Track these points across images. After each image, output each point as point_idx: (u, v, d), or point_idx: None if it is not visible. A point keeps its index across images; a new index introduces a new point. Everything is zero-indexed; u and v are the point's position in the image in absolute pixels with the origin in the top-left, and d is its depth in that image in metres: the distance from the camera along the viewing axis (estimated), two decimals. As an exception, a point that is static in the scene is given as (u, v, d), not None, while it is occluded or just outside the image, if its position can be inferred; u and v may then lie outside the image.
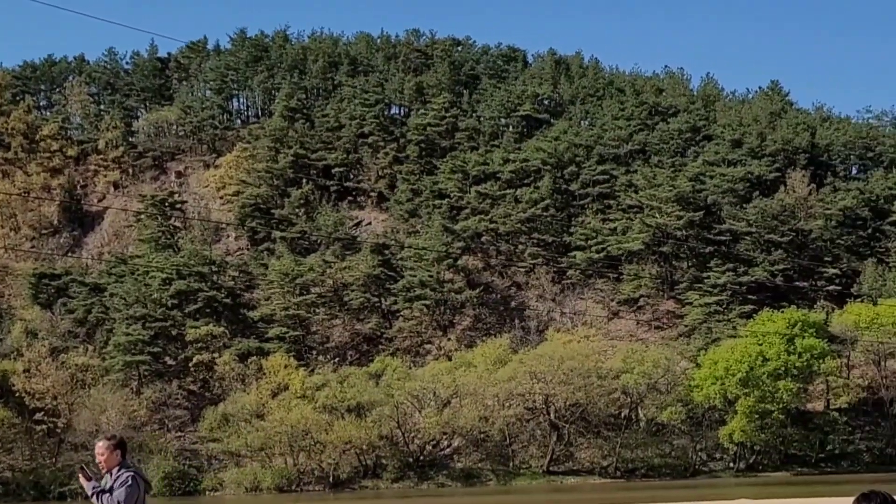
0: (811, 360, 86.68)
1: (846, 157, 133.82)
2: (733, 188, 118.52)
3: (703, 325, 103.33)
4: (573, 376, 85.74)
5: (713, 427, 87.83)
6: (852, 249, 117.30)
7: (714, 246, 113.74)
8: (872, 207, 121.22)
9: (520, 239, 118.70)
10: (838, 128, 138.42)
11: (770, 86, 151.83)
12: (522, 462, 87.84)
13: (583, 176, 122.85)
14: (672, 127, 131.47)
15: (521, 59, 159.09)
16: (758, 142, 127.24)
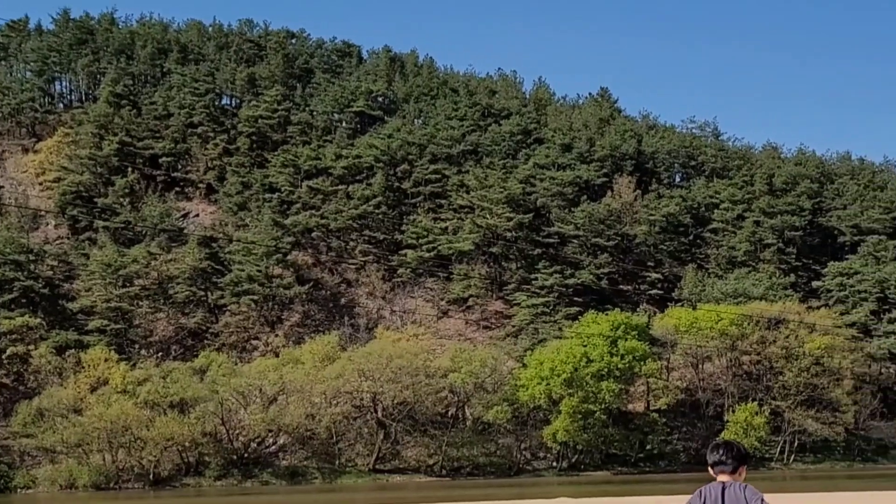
0: (633, 361, 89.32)
1: (670, 165, 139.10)
2: (562, 192, 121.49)
3: (530, 326, 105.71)
4: (401, 375, 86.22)
5: (538, 426, 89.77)
6: (674, 255, 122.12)
7: (542, 248, 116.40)
8: (694, 215, 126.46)
9: (351, 236, 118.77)
10: (663, 136, 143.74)
11: (600, 92, 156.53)
12: (349, 460, 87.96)
13: (415, 174, 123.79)
14: (504, 129, 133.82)
15: (355, 55, 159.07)
16: (587, 147, 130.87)
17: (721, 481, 8.42)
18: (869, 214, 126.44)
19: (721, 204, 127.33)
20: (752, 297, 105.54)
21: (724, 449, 8.45)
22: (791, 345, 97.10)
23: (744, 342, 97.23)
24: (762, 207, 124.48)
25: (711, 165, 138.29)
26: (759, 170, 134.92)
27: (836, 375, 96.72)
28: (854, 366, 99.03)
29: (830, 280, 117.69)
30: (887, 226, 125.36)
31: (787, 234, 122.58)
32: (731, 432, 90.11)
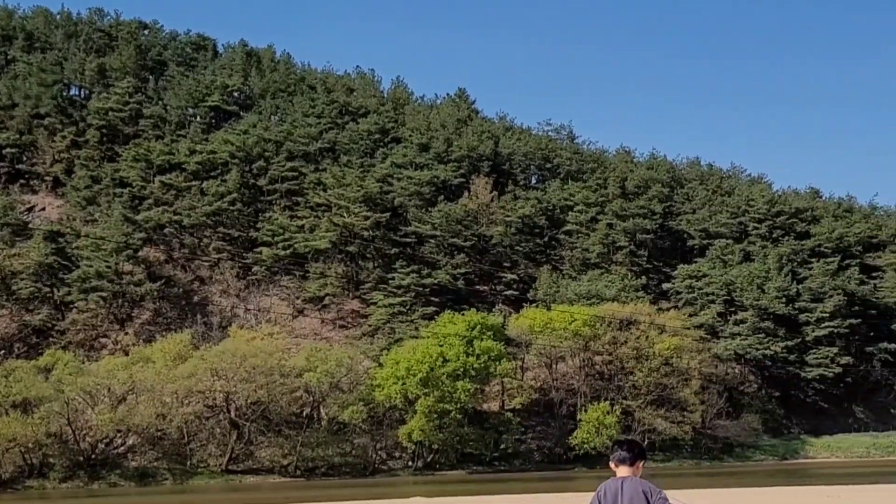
0: (488, 361, 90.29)
1: (526, 167, 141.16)
2: (420, 191, 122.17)
3: (386, 325, 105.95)
4: (255, 374, 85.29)
5: (393, 426, 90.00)
6: (530, 256, 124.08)
7: (399, 247, 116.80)
8: (549, 216, 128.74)
9: (204, 232, 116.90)
10: (520, 138, 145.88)
11: (457, 93, 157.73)
12: (200, 461, 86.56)
13: (271, 171, 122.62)
14: (362, 127, 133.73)
15: (210, 49, 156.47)
16: (444, 147, 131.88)
17: (621, 476, 9.36)
18: (717, 219, 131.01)
19: (575, 206, 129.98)
20: (604, 299, 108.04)
21: (627, 445, 9.50)
22: (642, 345, 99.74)
23: (596, 343, 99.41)
24: (615, 210, 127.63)
25: (567, 168, 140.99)
26: (612, 173, 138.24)
27: (685, 376, 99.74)
28: (702, 366, 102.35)
29: (680, 282, 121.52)
30: (734, 230, 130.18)
31: (639, 237, 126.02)
32: (583, 431, 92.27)
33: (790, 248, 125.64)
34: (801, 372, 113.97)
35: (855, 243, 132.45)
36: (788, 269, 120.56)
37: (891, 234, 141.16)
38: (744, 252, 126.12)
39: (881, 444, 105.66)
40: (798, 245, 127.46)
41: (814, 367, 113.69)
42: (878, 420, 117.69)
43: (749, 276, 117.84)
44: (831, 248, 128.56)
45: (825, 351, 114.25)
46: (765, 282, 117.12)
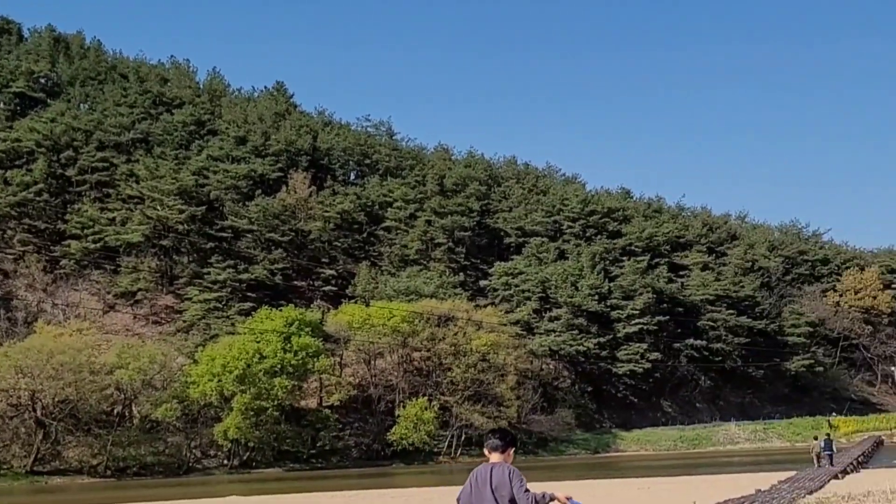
0: (306, 358, 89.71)
1: (345, 163, 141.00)
2: (237, 185, 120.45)
3: (202, 321, 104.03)
4: (63, 371, 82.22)
5: (209, 424, 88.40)
6: (348, 252, 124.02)
7: (215, 242, 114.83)
8: (368, 212, 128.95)
9: (9, 224, 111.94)
10: (339, 133, 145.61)
11: (275, 86, 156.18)
12: (3, 462, 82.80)
13: (81, 162, 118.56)
14: (176, 119, 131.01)
15: (15, 33, 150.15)
16: (262, 140, 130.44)
17: (492, 462, 9.97)
18: (532, 217, 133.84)
19: (394, 203, 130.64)
20: (423, 295, 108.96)
21: (499, 434, 10.18)
22: (459, 342, 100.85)
23: (415, 339, 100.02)
24: (434, 207, 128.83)
25: (386, 164, 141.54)
26: (431, 170, 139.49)
27: (501, 371, 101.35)
28: (517, 362, 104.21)
29: (497, 279, 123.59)
30: (549, 228, 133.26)
31: (457, 234, 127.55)
32: (401, 427, 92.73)
33: (603, 246, 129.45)
34: (613, 367, 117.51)
35: (663, 243, 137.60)
36: (601, 268, 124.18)
37: (697, 234, 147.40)
38: (558, 250, 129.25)
39: (687, 436, 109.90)
40: (610, 244, 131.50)
41: (624, 363, 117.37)
42: (684, 414, 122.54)
43: (563, 273, 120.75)
44: (641, 247, 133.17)
45: (635, 347, 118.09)
46: (578, 279, 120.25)
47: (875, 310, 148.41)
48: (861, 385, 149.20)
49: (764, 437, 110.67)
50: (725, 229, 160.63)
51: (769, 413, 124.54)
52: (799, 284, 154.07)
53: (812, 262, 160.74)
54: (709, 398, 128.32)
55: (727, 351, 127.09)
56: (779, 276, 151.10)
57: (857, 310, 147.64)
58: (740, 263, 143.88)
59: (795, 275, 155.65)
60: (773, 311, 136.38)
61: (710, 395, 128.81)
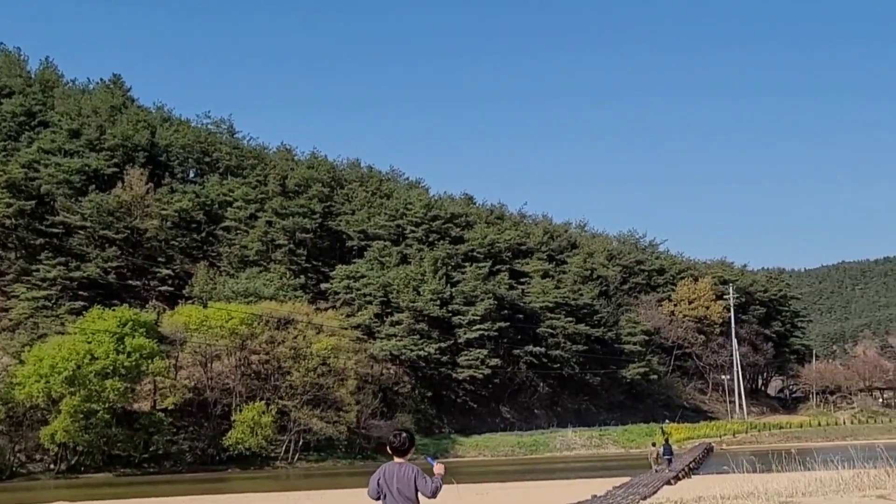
0: (140, 359, 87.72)
1: (184, 160, 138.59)
2: (69, 179, 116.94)
3: (29, 320, 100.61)
4: None
5: (35, 427, 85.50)
6: (186, 251, 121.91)
7: (46, 238, 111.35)
8: (207, 211, 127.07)
9: None
10: (178, 130, 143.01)
11: (112, 79, 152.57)
12: None
13: None
14: (5, 108, 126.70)
15: None
16: (97, 134, 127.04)
17: (397, 462, 11.51)
18: (375, 221, 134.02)
19: (235, 202, 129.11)
20: (262, 297, 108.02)
21: (403, 435, 11.66)
22: (299, 345, 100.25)
23: (253, 342, 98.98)
24: (275, 208, 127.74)
25: (226, 163, 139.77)
26: (273, 170, 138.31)
27: (341, 376, 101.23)
28: (358, 366, 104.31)
29: (338, 283, 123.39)
30: (392, 232, 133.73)
31: (299, 236, 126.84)
32: (238, 431, 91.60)
33: (445, 251, 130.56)
34: (453, 373, 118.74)
35: (505, 249, 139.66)
36: (443, 273, 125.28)
37: (538, 241, 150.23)
38: (401, 254, 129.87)
39: (525, 442, 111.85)
40: (452, 249, 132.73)
41: (465, 369, 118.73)
42: (523, 419, 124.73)
43: (405, 278, 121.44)
44: (483, 254, 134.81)
45: (476, 353, 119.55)
46: (420, 284, 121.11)
47: (708, 320, 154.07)
48: (693, 393, 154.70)
49: (599, 444, 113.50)
50: (566, 237, 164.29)
51: (605, 419, 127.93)
52: (636, 293, 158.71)
53: (649, 271, 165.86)
54: (547, 404, 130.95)
55: (565, 358, 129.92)
56: (617, 285, 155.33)
57: (691, 319, 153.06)
58: (580, 272, 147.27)
59: (633, 284, 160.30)
60: (610, 320, 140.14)
61: (549, 401, 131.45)
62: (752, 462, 36.87)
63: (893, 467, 28.81)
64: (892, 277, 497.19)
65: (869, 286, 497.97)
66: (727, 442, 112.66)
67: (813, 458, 34.40)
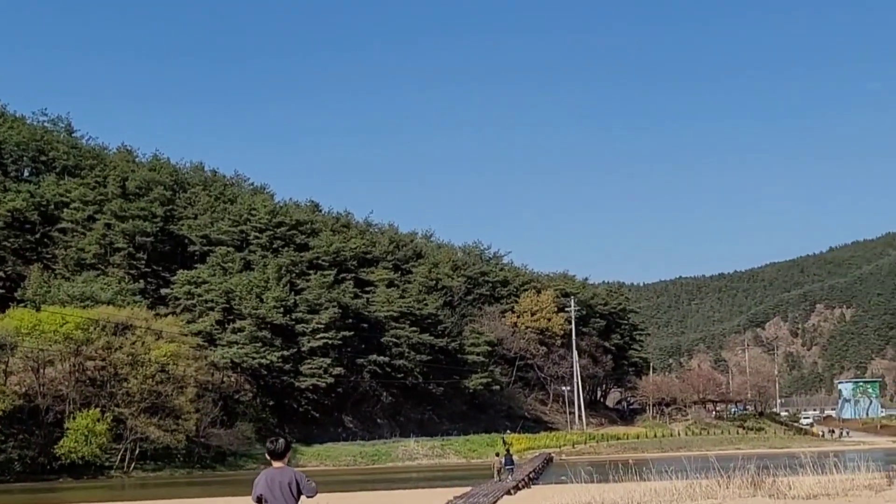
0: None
1: (19, 158, 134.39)
2: None
3: None
4: None
5: None
6: (19, 253, 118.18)
7: None
8: (42, 212, 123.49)
9: None
10: (13, 126, 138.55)
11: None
12: None
13: None
14: None
15: None
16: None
17: (277, 466, 12.25)
18: (219, 226, 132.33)
19: (72, 203, 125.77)
20: (99, 301, 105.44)
21: (281, 441, 12.39)
22: (137, 351, 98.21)
23: (89, 347, 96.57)
24: (114, 210, 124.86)
25: (63, 162, 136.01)
26: (112, 171, 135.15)
27: (181, 383, 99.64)
28: (198, 374, 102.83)
29: (179, 288, 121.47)
30: (235, 238, 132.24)
31: (139, 240, 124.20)
32: (71, 440, 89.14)
33: (290, 259, 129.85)
34: (296, 381, 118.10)
35: (351, 258, 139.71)
36: (287, 280, 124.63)
37: (383, 250, 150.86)
38: (244, 260, 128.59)
39: (367, 452, 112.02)
40: (297, 256, 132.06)
41: (308, 377, 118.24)
42: (365, 429, 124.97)
43: (249, 284, 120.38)
44: (329, 262, 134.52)
45: (319, 361, 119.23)
46: (264, 291, 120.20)
47: (549, 331, 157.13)
48: (534, 404, 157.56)
49: (441, 454, 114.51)
50: (411, 247, 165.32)
51: (447, 429, 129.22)
52: (480, 304, 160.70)
53: (493, 283, 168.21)
54: (390, 414, 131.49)
55: (409, 367, 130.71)
56: (461, 296, 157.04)
57: (534, 331, 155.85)
58: (425, 281, 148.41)
59: (477, 295, 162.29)
60: (454, 330, 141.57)
61: (392, 410, 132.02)
62: (591, 472, 37.84)
63: (724, 478, 30.25)
64: (725, 293, 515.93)
65: (704, 301, 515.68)
66: (567, 452, 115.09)
67: (649, 468, 35.59)
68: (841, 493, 28.21)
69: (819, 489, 28.92)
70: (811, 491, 28.44)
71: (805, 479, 31.17)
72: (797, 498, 27.16)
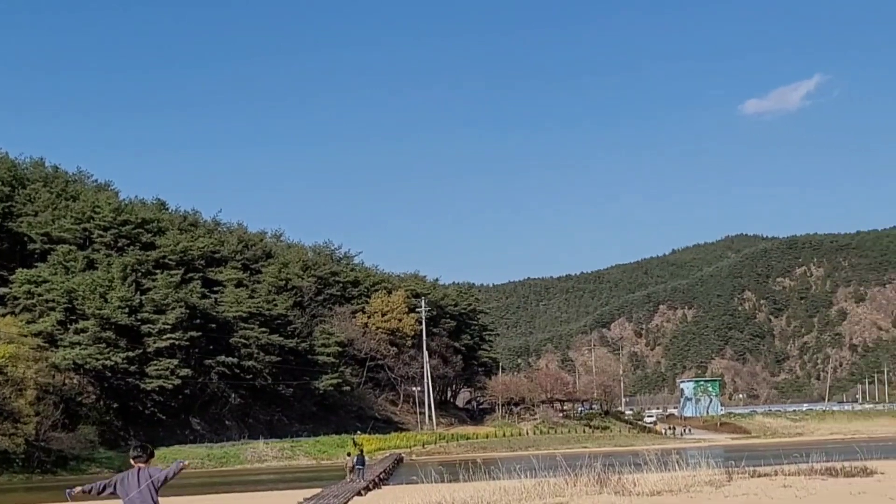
0: None
1: None
2: None
3: None
4: None
5: None
6: None
7: None
8: None
9: None
10: None
11: None
12: None
13: None
14: None
15: None
16: None
17: (138, 466, 13.23)
18: (60, 224, 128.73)
19: None
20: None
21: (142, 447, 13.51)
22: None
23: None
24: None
25: None
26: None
27: (20, 385, 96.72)
28: (38, 376, 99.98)
29: (18, 287, 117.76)
30: (78, 236, 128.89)
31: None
32: None
33: (135, 258, 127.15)
34: (142, 383, 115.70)
35: (198, 257, 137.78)
36: (132, 280, 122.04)
37: (232, 250, 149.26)
38: (88, 259, 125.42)
39: (215, 454, 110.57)
40: (143, 255, 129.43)
41: (154, 379, 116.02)
42: (213, 431, 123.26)
43: (92, 284, 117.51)
44: (175, 261, 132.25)
45: (166, 363, 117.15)
46: (108, 291, 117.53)
47: (400, 332, 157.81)
48: (385, 404, 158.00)
49: (291, 455, 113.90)
50: (261, 247, 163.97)
51: (297, 431, 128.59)
52: (330, 305, 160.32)
53: (343, 283, 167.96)
54: (238, 416, 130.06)
55: (258, 369, 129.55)
56: (311, 296, 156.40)
57: (384, 331, 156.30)
58: (274, 282, 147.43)
59: (327, 295, 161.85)
60: (304, 331, 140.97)
61: (240, 412, 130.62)
62: (441, 472, 38.30)
63: (572, 476, 31.11)
64: (573, 294, 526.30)
65: (552, 302, 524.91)
66: (417, 452, 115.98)
67: (498, 467, 36.22)
68: (683, 490, 29.35)
69: (662, 486, 30.02)
70: (655, 488, 29.51)
71: (649, 476, 32.30)
72: (641, 495, 28.14)
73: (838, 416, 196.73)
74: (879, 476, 32.94)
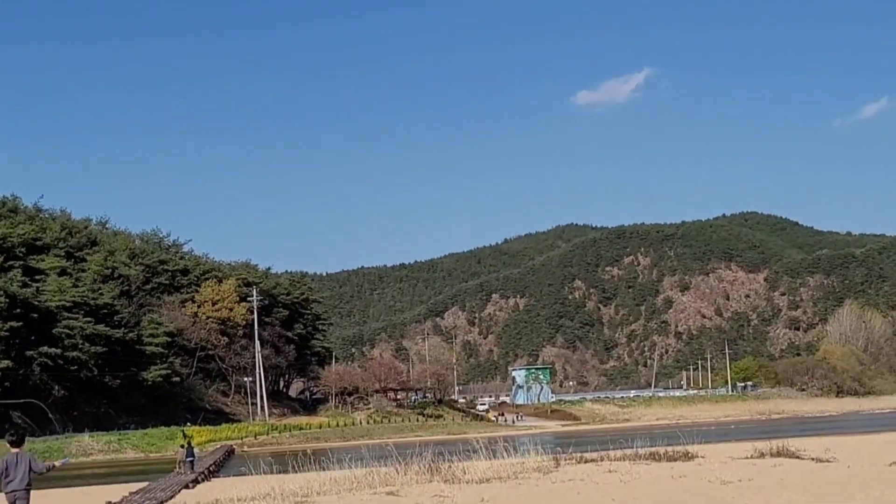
0: None
1: None
2: None
3: None
4: None
5: None
6: None
7: None
8: None
9: None
10: None
11: None
12: None
13: None
14: None
15: None
16: None
17: (14, 451, 15.29)
18: None
19: None
20: None
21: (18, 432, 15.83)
22: None
23: None
24: None
25: None
26: None
27: None
28: None
29: None
30: None
31: None
32: None
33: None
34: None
35: (19, 244, 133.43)
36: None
37: (55, 237, 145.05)
38: None
39: (37, 449, 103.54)
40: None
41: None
42: (36, 425, 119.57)
43: None
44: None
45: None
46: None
47: (232, 321, 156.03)
48: (216, 395, 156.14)
49: (118, 449, 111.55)
50: (85, 234, 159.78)
51: (125, 423, 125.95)
52: (159, 294, 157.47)
53: (172, 272, 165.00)
54: (62, 408, 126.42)
55: (84, 360, 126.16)
56: (139, 285, 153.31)
57: (215, 321, 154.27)
58: (100, 270, 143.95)
59: (156, 284, 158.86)
60: (132, 321, 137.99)
61: (65, 405, 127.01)
62: (271, 463, 38.22)
63: (403, 465, 31.63)
64: (406, 283, 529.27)
65: (386, 291, 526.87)
66: (249, 444, 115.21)
67: (328, 457, 36.51)
68: (512, 476, 30.22)
69: (492, 473, 30.81)
70: (484, 475, 30.28)
71: (479, 463, 33.05)
72: (471, 482, 28.84)
73: (664, 402, 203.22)
74: (700, 460, 34.55)
